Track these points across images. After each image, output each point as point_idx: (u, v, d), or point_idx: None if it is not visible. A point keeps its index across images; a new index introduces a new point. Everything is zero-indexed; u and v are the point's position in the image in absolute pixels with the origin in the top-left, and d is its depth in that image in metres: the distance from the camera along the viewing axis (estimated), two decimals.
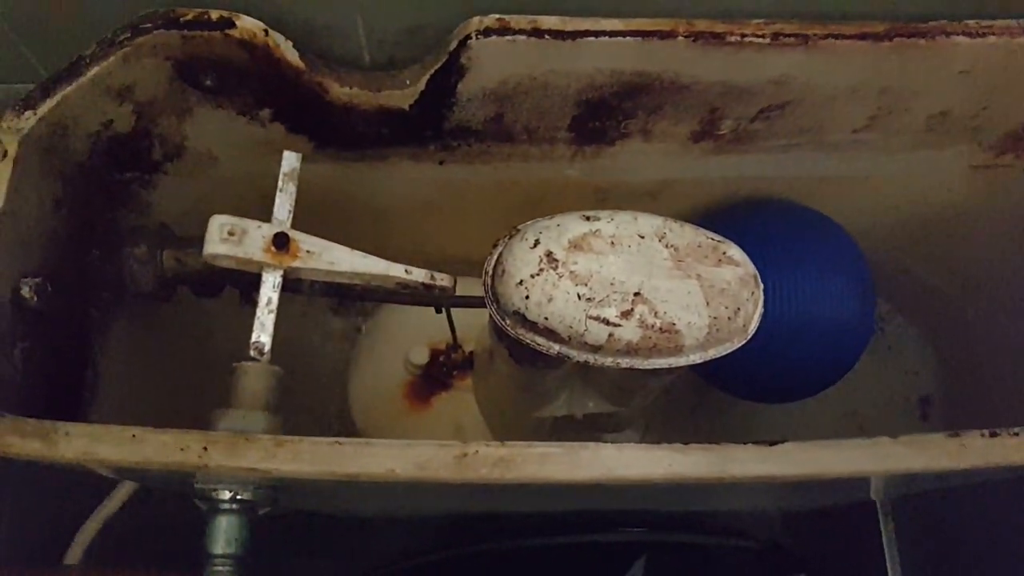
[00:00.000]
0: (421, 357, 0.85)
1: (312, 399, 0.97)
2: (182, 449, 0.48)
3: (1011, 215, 0.84)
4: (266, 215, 0.63)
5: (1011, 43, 0.66)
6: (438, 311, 0.72)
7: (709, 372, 0.87)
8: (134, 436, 0.48)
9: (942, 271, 0.95)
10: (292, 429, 0.66)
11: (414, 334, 0.89)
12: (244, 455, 0.48)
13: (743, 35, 0.64)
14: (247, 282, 0.71)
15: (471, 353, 0.87)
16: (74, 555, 0.86)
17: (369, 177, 0.79)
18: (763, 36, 0.64)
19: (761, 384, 0.84)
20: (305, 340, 0.99)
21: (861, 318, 0.78)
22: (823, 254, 0.78)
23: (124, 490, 0.86)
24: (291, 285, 0.66)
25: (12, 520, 0.86)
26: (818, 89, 0.70)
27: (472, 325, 0.82)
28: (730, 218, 0.82)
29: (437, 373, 0.88)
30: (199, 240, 0.65)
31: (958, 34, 0.65)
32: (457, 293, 0.71)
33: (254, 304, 0.64)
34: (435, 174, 0.79)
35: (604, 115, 0.72)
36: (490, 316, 0.76)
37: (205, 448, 0.48)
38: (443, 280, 0.66)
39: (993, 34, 0.65)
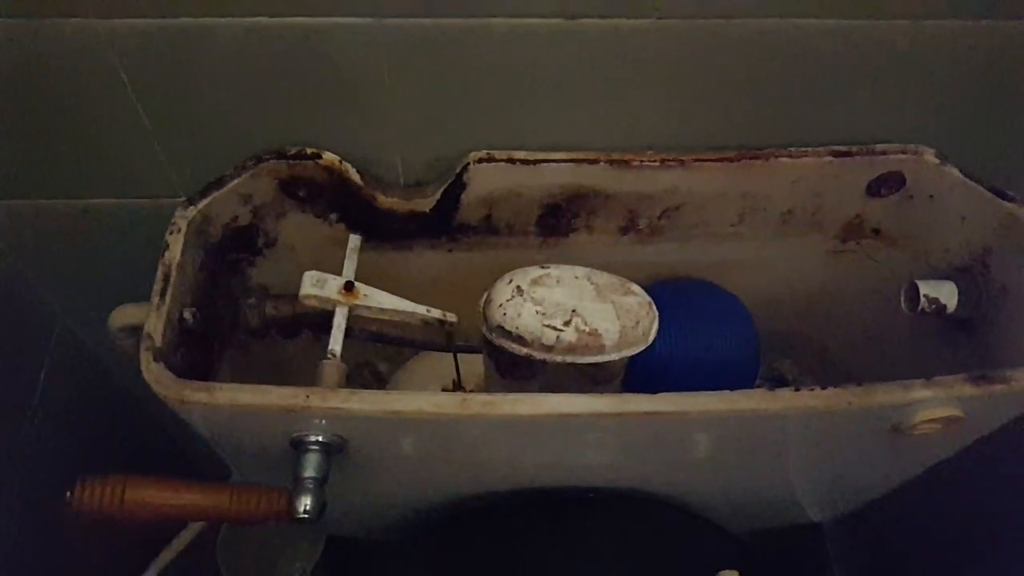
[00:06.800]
0: None
1: None
2: (294, 397, 0.79)
3: (860, 289, 1.17)
4: None
5: (820, 161, 0.95)
6: (447, 350, 1.04)
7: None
8: (264, 390, 0.79)
9: (824, 333, 1.26)
10: None
11: (432, 377, 1.19)
12: (330, 400, 0.79)
13: (641, 161, 0.97)
14: (319, 326, 1.04)
15: (471, 391, 1.17)
16: None
17: (396, 261, 1.03)
18: (655, 161, 0.97)
19: None
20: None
21: (745, 359, 1.10)
22: (714, 311, 1.10)
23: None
24: (349, 331, 0.98)
25: None
26: (697, 195, 0.96)
27: (472, 373, 1.13)
28: (654, 290, 1.15)
29: None
30: (288, 296, 0.99)
31: (783, 156, 0.95)
32: (458, 344, 1.03)
33: (324, 342, 0.96)
34: (445, 259, 1.04)
35: (558, 215, 1.02)
36: (482, 340, 1.07)
37: (307, 396, 0.79)
38: (451, 316, 0.98)
39: (806, 156, 1.00)
